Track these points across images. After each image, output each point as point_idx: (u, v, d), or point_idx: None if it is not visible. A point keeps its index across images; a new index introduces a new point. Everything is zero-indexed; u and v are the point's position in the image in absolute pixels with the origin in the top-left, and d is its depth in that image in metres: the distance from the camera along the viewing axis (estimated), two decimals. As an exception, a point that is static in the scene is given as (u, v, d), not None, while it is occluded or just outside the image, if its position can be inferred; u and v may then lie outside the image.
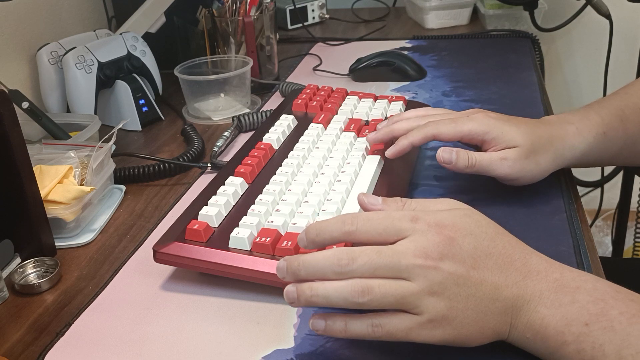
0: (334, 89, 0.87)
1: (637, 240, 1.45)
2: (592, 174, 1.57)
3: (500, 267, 0.44)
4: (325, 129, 0.75)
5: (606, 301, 0.41)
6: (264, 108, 0.96)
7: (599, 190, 1.59)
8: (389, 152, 0.64)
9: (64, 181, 0.66)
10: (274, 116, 0.79)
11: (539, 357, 0.44)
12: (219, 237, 0.55)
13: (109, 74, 0.92)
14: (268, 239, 0.53)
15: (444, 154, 0.60)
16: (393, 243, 0.44)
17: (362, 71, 1.03)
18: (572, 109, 0.67)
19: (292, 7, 1.35)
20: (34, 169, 0.62)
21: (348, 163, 0.66)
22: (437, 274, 0.42)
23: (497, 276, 0.43)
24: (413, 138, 0.62)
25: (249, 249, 0.54)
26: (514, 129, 0.60)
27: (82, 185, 0.67)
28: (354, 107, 0.81)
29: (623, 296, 0.42)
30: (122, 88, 0.93)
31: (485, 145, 0.61)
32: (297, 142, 0.71)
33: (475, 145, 0.62)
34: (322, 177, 0.63)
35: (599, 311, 0.41)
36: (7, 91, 0.81)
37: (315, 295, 0.43)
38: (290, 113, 0.80)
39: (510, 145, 0.59)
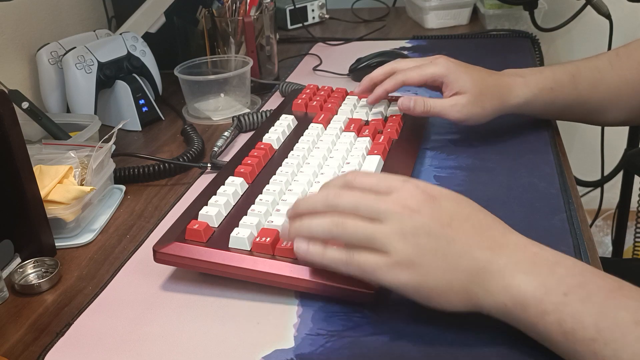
0: (334, 89, 0.86)
1: (637, 240, 1.45)
2: (592, 174, 1.57)
3: (477, 231, 0.45)
4: (325, 129, 0.75)
5: (584, 275, 0.42)
6: (264, 108, 0.96)
7: (599, 190, 1.59)
8: (368, 99, 0.75)
9: (64, 181, 0.66)
10: (274, 116, 0.79)
11: (522, 330, 0.44)
12: (219, 237, 0.55)
13: (108, 74, 0.92)
14: (268, 239, 0.53)
15: (404, 102, 0.71)
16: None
17: (362, 71, 1.03)
18: None
19: (292, 7, 1.35)
20: (34, 169, 0.62)
21: (348, 163, 0.66)
22: (410, 220, 0.44)
23: (471, 238, 0.44)
24: (387, 86, 0.72)
25: (249, 249, 0.54)
26: (467, 77, 0.68)
27: (82, 185, 0.67)
28: (353, 107, 0.81)
29: (603, 274, 0.43)
30: (122, 88, 0.93)
31: (443, 87, 0.69)
32: (297, 142, 0.71)
33: (438, 87, 0.71)
34: (322, 177, 0.63)
35: (578, 283, 0.41)
36: (7, 91, 0.81)
37: (301, 225, 0.48)
38: (290, 113, 0.80)
39: (462, 91, 0.68)
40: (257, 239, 0.53)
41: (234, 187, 0.61)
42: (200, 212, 0.57)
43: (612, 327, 0.39)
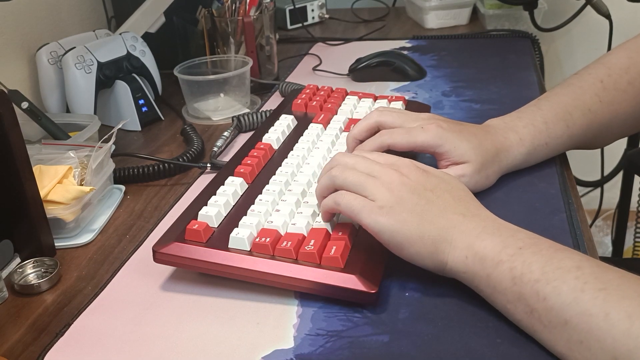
0: (334, 89, 0.87)
1: (637, 240, 1.45)
2: (592, 174, 1.57)
3: (455, 201, 0.51)
4: (325, 129, 0.75)
5: (540, 239, 0.48)
6: (264, 108, 0.96)
7: (599, 190, 1.59)
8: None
9: (63, 181, 0.66)
10: (274, 116, 0.79)
11: (476, 287, 0.49)
12: (219, 237, 0.55)
13: (108, 74, 0.92)
14: (268, 239, 0.53)
15: None
16: None
17: (362, 71, 1.03)
18: None
19: (292, 7, 1.35)
20: (34, 169, 0.62)
21: (348, 163, 0.66)
22: (399, 178, 0.51)
23: (448, 204, 0.51)
24: (368, 147, 0.63)
25: (248, 249, 0.54)
26: (465, 144, 0.62)
27: (81, 185, 0.67)
28: (353, 107, 0.81)
29: (559, 244, 0.47)
30: (122, 88, 0.93)
31: (437, 157, 0.63)
32: (297, 142, 0.71)
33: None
34: (322, 177, 0.63)
35: (533, 242, 0.47)
36: (6, 91, 0.81)
37: (320, 176, 0.56)
38: (290, 113, 0.80)
39: (462, 160, 0.62)
40: (257, 239, 0.53)
41: (233, 187, 0.61)
42: (200, 212, 0.57)
43: (555, 270, 0.44)
